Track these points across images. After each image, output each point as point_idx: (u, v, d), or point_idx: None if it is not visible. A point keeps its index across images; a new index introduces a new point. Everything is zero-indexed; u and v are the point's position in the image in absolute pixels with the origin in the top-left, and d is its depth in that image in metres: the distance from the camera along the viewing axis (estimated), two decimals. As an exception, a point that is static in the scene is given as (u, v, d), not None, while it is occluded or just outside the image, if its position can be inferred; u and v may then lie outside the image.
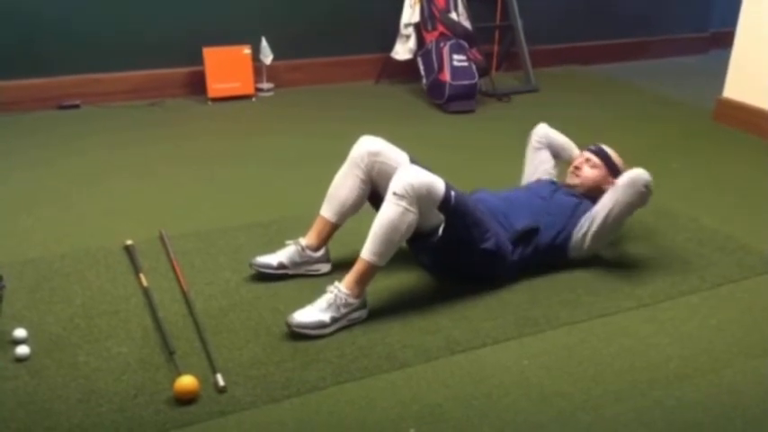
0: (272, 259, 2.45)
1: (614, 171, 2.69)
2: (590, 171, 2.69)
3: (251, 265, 2.45)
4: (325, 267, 2.51)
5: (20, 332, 2.11)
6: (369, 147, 2.44)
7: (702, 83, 4.89)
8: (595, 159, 2.70)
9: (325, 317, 2.16)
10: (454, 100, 4.43)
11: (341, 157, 2.50)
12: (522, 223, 2.48)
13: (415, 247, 2.50)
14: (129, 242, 2.66)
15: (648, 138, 4.06)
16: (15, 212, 2.98)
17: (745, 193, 3.33)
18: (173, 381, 1.92)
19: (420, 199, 2.17)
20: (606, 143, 2.80)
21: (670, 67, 5.77)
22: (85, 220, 2.92)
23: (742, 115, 4.17)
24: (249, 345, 2.13)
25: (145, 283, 2.42)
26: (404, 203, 2.16)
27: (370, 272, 2.22)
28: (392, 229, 2.17)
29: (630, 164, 2.63)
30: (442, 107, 4.46)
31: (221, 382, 1.94)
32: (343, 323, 2.19)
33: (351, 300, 2.19)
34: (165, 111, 4.35)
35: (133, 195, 3.17)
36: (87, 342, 2.13)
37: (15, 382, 1.96)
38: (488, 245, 2.34)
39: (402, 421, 1.86)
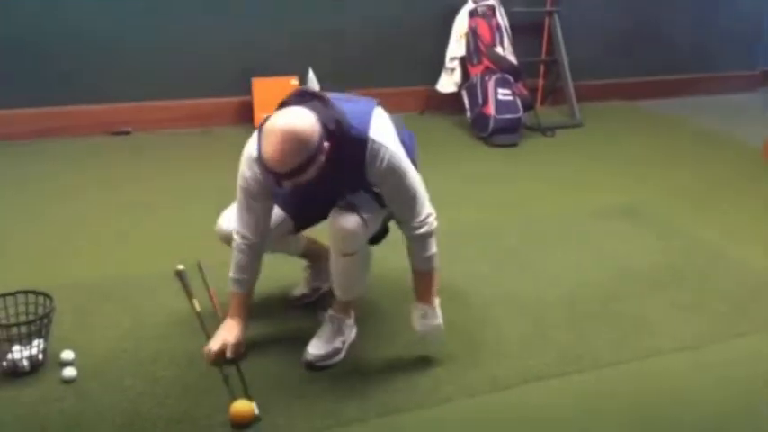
0: (303, 289, 2.55)
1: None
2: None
3: (291, 299, 2.53)
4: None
5: (67, 354, 2.15)
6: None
7: (752, 121, 4.81)
8: None
9: (338, 343, 2.22)
10: (498, 133, 4.43)
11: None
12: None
13: None
14: (180, 267, 2.69)
15: (698, 177, 3.96)
16: (66, 235, 3.04)
17: (796, 234, 3.25)
18: (217, 407, 1.94)
19: (367, 237, 2.13)
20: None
21: (719, 104, 5.68)
22: (135, 245, 2.98)
23: (793, 155, 4.09)
24: (290, 374, 2.14)
25: (198, 307, 2.44)
26: (357, 253, 2.10)
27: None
28: (356, 274, 2.19)
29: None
30: (486, 140, 4.46)
31: (256, 411, 1.94)
32: (348, 343, 2.26)
33: (348, 321, 2.27)
34: (214, 139, 4.42)
35: (182, 221, 3.21)
36: (133, 365, 2.16)
37: (62, 403, 1.99)
38: None
39: (443, 457, 1.84)
